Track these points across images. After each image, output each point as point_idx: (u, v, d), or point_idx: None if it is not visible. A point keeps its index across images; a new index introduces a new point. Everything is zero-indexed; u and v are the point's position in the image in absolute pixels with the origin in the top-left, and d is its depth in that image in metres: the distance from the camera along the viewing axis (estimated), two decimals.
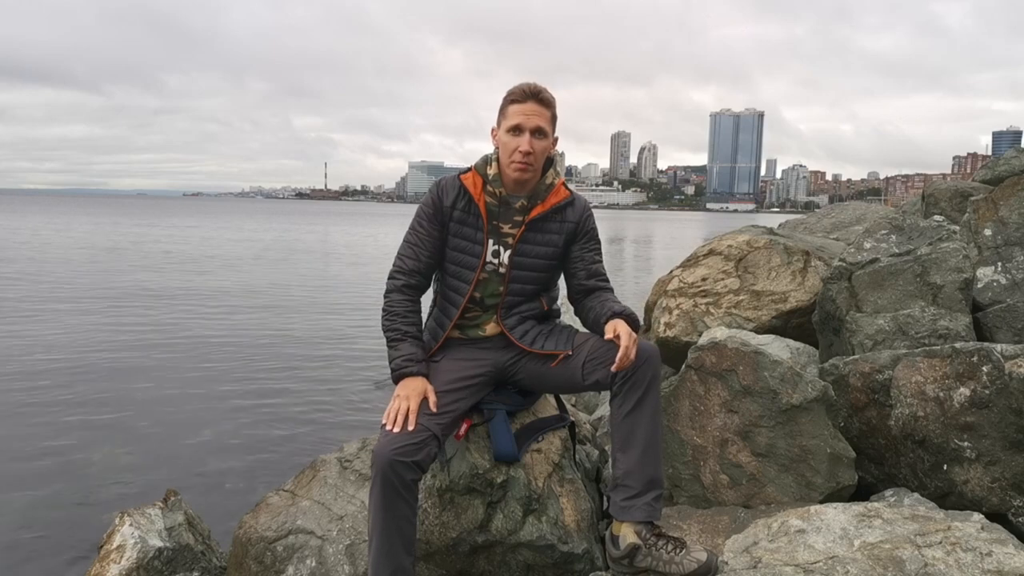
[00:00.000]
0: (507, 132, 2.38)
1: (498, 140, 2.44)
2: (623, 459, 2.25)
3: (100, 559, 2.79)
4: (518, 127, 2.37)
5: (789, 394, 2.68)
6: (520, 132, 2.36)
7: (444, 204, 2.46)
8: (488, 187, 2.45)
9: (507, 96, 2.41)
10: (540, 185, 2.47)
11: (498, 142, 2.44)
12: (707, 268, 4.24)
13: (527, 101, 2.37)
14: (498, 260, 2.47)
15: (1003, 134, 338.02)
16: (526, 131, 2.36)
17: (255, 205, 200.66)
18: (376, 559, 2.13)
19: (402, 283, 2.47)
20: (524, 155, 2.36)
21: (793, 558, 1.96)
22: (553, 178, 2.49)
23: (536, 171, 2.43)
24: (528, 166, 2.38)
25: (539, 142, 2.38)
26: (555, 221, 2.49)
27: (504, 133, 2.39)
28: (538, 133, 2.38)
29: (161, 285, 16.15)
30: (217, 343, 10.10)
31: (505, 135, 2.39)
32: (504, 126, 2.40)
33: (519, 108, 2.37)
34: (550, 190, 2.48)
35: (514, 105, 2.38)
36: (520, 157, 2.36)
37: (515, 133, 2.37)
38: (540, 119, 2.38)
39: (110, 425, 6.44)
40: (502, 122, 2.41)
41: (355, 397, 7.65)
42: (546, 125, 2.40)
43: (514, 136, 2.37)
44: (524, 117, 2.36)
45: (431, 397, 2.27)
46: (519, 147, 2.36)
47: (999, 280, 3.48)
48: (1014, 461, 2.45)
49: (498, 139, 2.44)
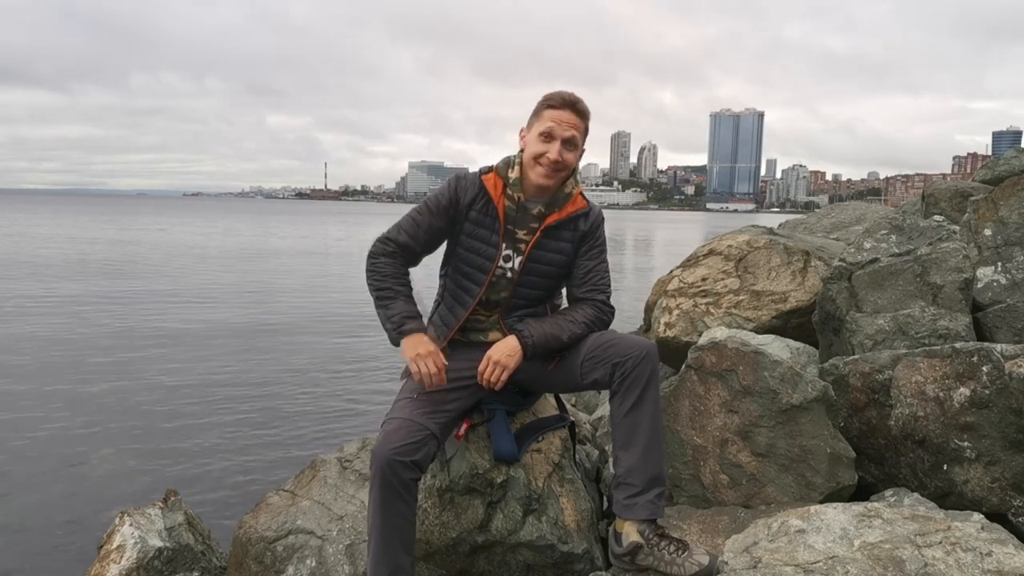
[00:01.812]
0: (538, 136, 2.35)
1: (526, 142, 2.41)
2: (625, 457, 2.25)
3: (100, 559, 2.79)
4: (550, 134, 2.33)
5: (789, 394, 2.68)
6: (551, 139, 2.33)
7: (461, 202, 2.43)
8: (508, 190, 2.42)
9: (544, 100, 2.38)
10: (559, 193, 2.44)
11: (525, 143, 2.41)
12: (707, 268, 4.24)
13: (564, 109, 2.34)
14: (509, 264, 2.44)
15: (1003, 134, 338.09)
16: (557, 139, 2.33)
17: (255, 205, 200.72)
18: (375, 559, 2.13)
19: (392, 249, 2.43)
20: (552, 163, 2.33)
21: (793, 558, 1.96)
22: (572, 187, 2.46)
23: (560, 180, 2.40)
24: (554, 174, 2.36)
25: (569, 153, 2.35)
26: (568, 230, 2.46)
27: (534, 136, 2.36)
28: (569, 144, 2.35)
29: (162, 285, 16.15)
30: (217, 343, 10.11)
31: (535, 139, 2.36)
32: (536, 129, 2.36)
33: (555, 114, 2.34)
34: (568, 199, 2.45)
35: (550, 111, 2.35)
36: (547, 163, 2.33)
37: (546, 139, 2.34)
38: (574, 129, 2.35)
39: (110, 425, 6.45)
40: (535, 124, 2.38)
41: (355, 397, 7.66)
42: (579, 136, 2.38)
43: (544, 142, 2.34)
44: (558, 125, 2.33)
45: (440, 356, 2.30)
46: (547, 153, 2.33)
47: (999, 280, 3.48)
48: (1014, 461, 2.45)
49: (526, 141, 2.41)
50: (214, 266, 21.50)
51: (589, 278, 2.49)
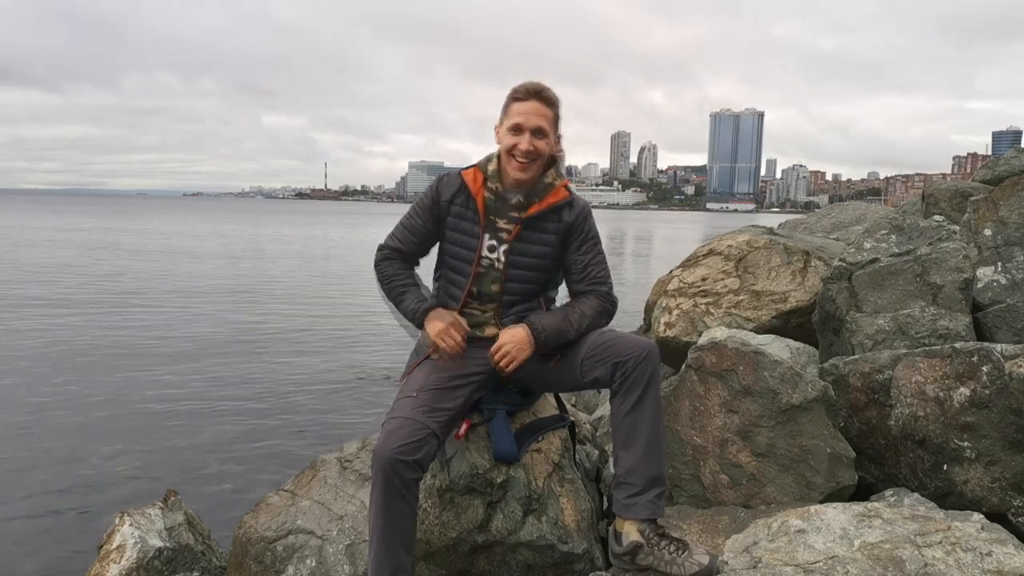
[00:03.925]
0: (508, 130, 2.41)
1: (499, 137, 2.46)
2: (625, 456, 2.25)
3: (100, 559, 2.79)
4: (518, 126, 2.39)
5: (789, 394, 2.68)
6: (520, 131, 2.38)
7: (442, 198, 2.50)
8: (488, 183, 2.47)
9: (511, 94, 2.43)
10: (539, 184, 2.47)
11: (499, 139, 2.46)
12: (707, 268, 4.24)
13: (529, 100, 2.39)
14: (495, 255, 2.47)
15: (1003, 134, 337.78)
16: (526, 130, 2.38)
17: (256, 205, 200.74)
18: (376, 558, 2.13)
19: (388, 253, 2.57)
20: (523, 153, 2.38)
21: (793, 558, 1.96)
22: (554, 178, 2.49)
23: (535, 170, 2.44)
24: (528, 164, 2.40)
25: (539, 141, 2.39)
26: (551, 221, 2.49)
27: (505, 131, 2.42)
28: (538, 133, 2.39)
29: (161, 285, 16.15)
30: (217, 343, 10.11)
31: (506, 133, 2.41)
32: (506, 124, 2.42)
33: (520, 107, 2.39)
34: (549, 189, 2.48)
35: (516, 104, 2.40)
36: (519, 155, 2.38)
37: (515, 132, 2.39)
38: (541, 119, 2.39)
39: (110, 425, 6.45)
40: (504, 120, 2.44)
41: (355, 397, 7.66)
42: (547, 125, 2.41)
43: (514, 135, 2.39)
44: (524, 116, 2.38)
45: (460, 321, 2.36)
46: (518, 145, 2.38)
47: (999, 280, 3.48)
48: (1014, 461, 2.45)
49: (499, 136, 2.46)
50: (214, 266, 21.50)
51: (588, 272, 2.52)
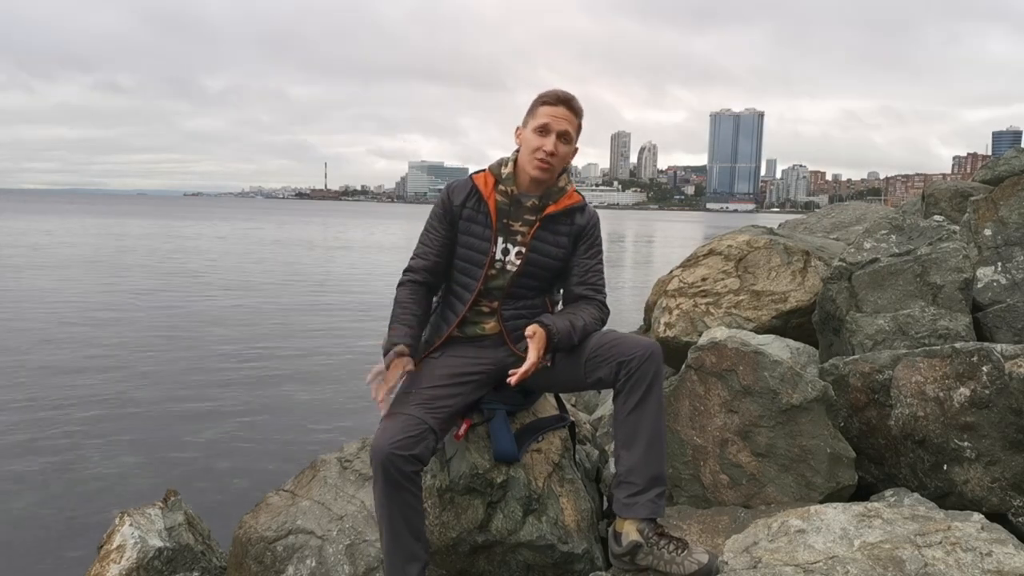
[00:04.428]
0: (534, 131, 2.44)
1: (522, 138, 2.49)
2: (626, 456, 2.25)
3: (100, 559, 2.79)
4: (546, 127, 2.42)
5: (789, 394, 2.68)
6: (547, 133, 2.42)
7: (454, 204, 2.51)
8: (500, 186, 2.49)
9: (539, 98, 2.47)
10: (553, 187, 2.52)
11: (521, 140, 2.49)
12: (707, 268, 4.24)
13: (559, 105, 2.44)
14: (507, 257, 2.49)
15: (1003, 134, 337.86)
16: (553, 133, 2.42)
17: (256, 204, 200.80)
18: (388, 550, 2.15)
19: (408, 279, 2.54)
20: (548, 155, 2.41)
21: (793, 558, 1.96)
22: (566, 183, 2.55)
23: (554, 173, 2.48)
24: (549, 166, 2.44)
25: (563, 146, 2.44)
26: (565, 224, 2.53)
27: (531, 132, 2.45)
28: (564, 138, 2.44)
29: (161, 285, 16.16)
30: (217, 343, 10.11)
31: (531, 133, 2.44)
32: (532, 125, 2.45)
33: (550, 110, 2.43)
34: (562, 193, 2.53)
35: (545, 107, 2.44)
36: (543, 156, 2.41)
37: (542, 133, 2.43)
38: (568, 124, 2.45)
39: (110, 425, 6.45)
40: (530, 121, 2.47)
41: (355, 397, 7.66)
42: (572, 131, 2.47)
43: (540, 136, 2.43)
44: (553, 119, 2.42)
45: (408, 366, 2.30)
46: (543, 146, 2.41)
47: (999, 280, 3.48)
48: (1014, 461, 2.45)
49: (522, 137, 2.49)
50: (214, 266, 21.51)
51: (588, 277, 2.55)
